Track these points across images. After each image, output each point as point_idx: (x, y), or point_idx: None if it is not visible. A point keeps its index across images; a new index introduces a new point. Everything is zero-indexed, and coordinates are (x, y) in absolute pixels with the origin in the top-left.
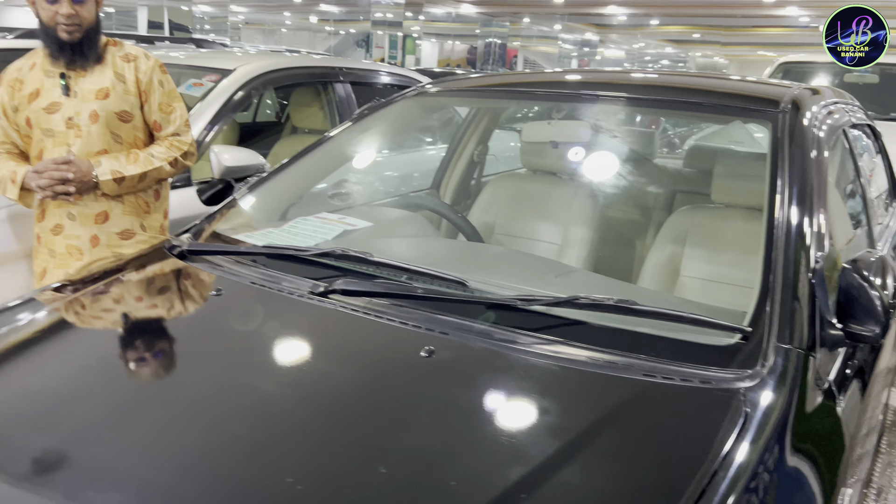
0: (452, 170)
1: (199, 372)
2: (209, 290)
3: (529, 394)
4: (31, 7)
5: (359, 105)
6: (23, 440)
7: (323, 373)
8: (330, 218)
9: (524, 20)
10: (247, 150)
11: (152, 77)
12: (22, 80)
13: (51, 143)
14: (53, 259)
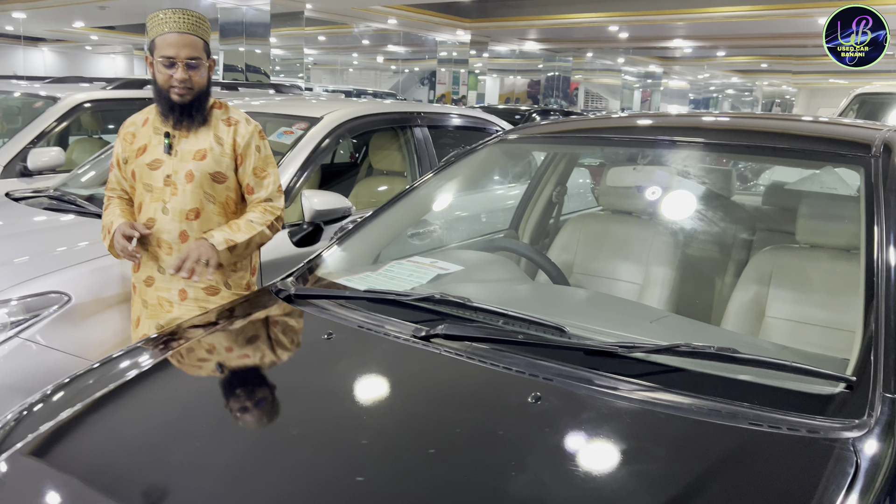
0: (531, 210)
1: (318, 413)
2: (321, 334)
3: (637, 441)
4: (149, 67)
5: (435, 146)
6: (152, 476)
7: (433, 417)
8: (422, 262)
9: (587, 55)
10: (334, 194)
11: (250, 142)
12: (135, 133)
13: (148, 198)
14: (146, 309)
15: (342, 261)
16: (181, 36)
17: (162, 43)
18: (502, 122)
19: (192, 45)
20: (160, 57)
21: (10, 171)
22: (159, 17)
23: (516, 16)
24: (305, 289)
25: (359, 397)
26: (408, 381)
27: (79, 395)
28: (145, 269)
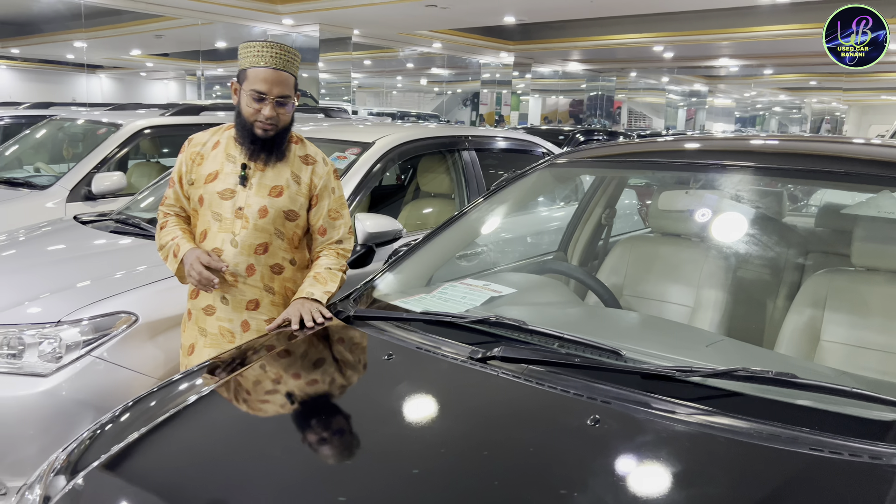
0: (580, 232)
1: (381, 433)
2: (381, 355)
3: (697, 465)
4: (234, 94)
5: (482, 168)
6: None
7: (493, 437)
8: (475, 284)
9: (631, 74)
10: (386, 217)
11: (327, 183)
12: (203, 155)
13: (216, 228)
14: (204, 338)
15: (397, 283)
16: (275, 73)
17: (254, 76)
18: (547, 144)
19: (284, 83)
20: (250, 90)
21: (75, 194)
22: (255, 48)
23: (560, 38)
24: (363, 310)
25: (420, 417)
26: (467, 402)
27: (148, 415)
28: (206, 297)
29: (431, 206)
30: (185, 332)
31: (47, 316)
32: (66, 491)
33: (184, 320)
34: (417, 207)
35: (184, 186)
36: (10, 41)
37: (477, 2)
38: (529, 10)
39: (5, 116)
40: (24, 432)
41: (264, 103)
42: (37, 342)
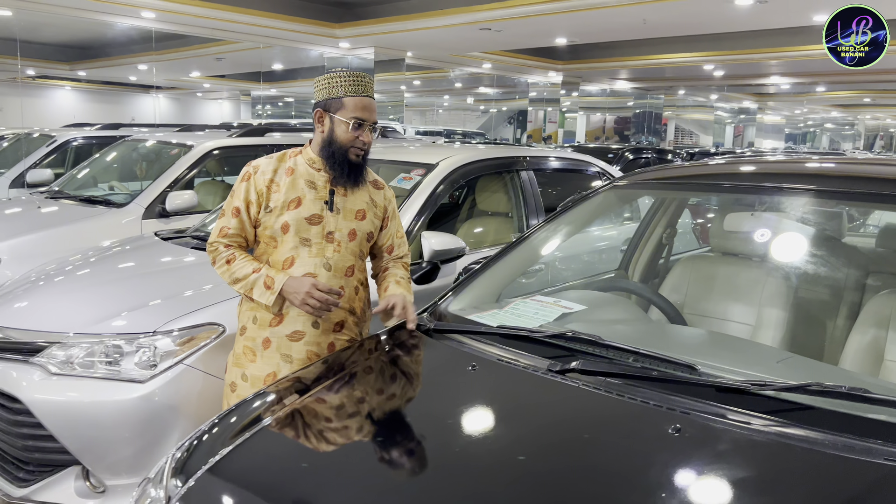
0: (641, 251)
1: (471, 440)
2: (465, 365)
3: (779, 472)
4: (317, 124)
5: (539, 186)
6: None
7: (581, 443)
8: (546, 301)
9: (679, 92)
10: (450, 235)
11: (394, 206)
12: (278, 183)
13: (306, 253)
14: (290, 364)
15: (469, 298)
16: (372, 101)
17: (355, 104)
18: (601, 163)
19: (376, 110)
20: (352, 117)
21: (150, 212)
22: (351, 77)
23: (609, 57)
24: (444, 324)
25: (508, 425)
26: (552, 411)
27: (246, 423)
28: (291, 323)
29: (489, 225)
30: (257, 362)
31: (143, 326)
32: (183, 492)
33: (242, 353)
34: (474, 226)
35: (251, 215)
36: (78, 64)
37: (530, 25)
38: (581, 32)
39: (78, 137)
40: (121, 435)
41: (362, 130)
42: (133, 350)
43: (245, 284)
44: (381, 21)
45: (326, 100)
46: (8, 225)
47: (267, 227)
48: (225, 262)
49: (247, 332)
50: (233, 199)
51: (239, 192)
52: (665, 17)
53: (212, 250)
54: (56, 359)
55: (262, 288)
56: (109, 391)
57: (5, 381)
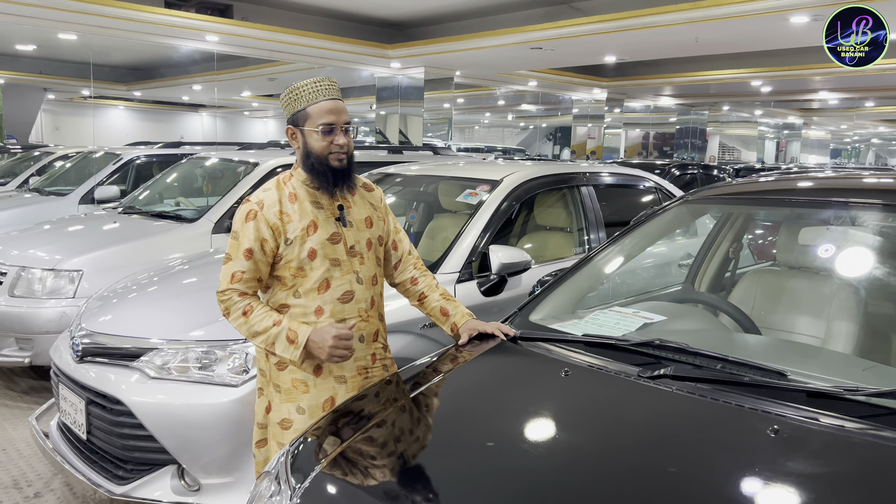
0: (707, 264)
1: (575, 441)
2: (558, 371)
3: (878, 472)
4: (293, 141)
5: (601, 203)
6: None
7: (684, 442)
8: (625, 311)
9: (724, 107)
10: (517, 249)
11: (385, 203)
12: (288, 213)
13: (338, 273)
14: (345, 384)
15: (548, 309)
16: (336, 102)
17: (318, 111)
18: (657, 178)
19: (345, 111)
20: (319, 125)
21: (219, 227)
22: (308, 87)
23: (654, 74)
24: (530, 332)
25: (609, 427)
26: (650, 413)
27: (346, 427)
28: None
29: (548, 239)
30: (311, 391)
31: (234, 333)
32: (305, 487)
33: (292, 387)
34: (533, 240)
35: (267, 253)
36: (135, 85)
37: (581, 44)
38: (631, 51)
39: (141, 156)
40: (215, 436)
41: (335, 133)
42: (227, 356)
43: (266, 339)
44: (433, 42)
45: (293, 115)
46: (87, 239)
47: (292, 260)
48: (241, 313)
49: (291, 365)
50: (240, 240)
51: (247, 232)
52: (718, 35)
53: (224, 299)
54: (153, 363)
55: (284, 342)
56: (205, 394)
57: (106, 384)
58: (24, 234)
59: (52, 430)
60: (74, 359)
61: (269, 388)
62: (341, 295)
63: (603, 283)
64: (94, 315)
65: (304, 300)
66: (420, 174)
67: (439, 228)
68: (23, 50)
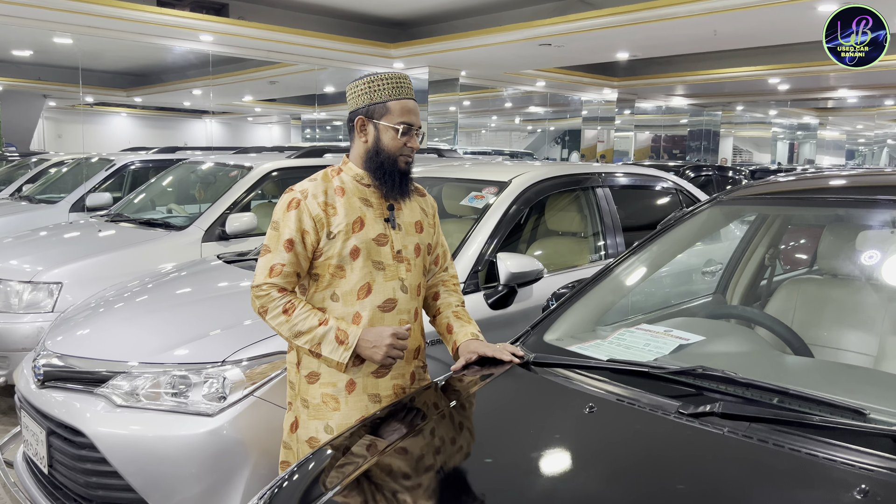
0: (740, 273)
1: (612, 495)
2: (581, 407)
3: None
4: (361, 134)
5: (617, 206)
6: None
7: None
8: (655, 330)
9: (737, 108)
10: (527, 257)
11: (436, 212)
12: (333, 205)
13: (381, 277)
14: (378, 404)
15: (565, 326)
16: (415, 104)
17: (401, 108)
18: (676, 179)
19: (420, 114)
20: (398, 123)
21: (210, 234)
22: (390, 80)
23: (666, 72)
24: (545, 356)
25: (647, 481)
26: (697, 462)
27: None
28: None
29: (560, 246)
30: (342, 409)
31: (211, 355)
32: None
33: (322, 403)
34: (545, 247)
35: (308, 246)
36: (135, 90)
37: (592, 39)
38: (645, 46)
39: (135, 161)
40: (188, 471)
41: (410, 135)
42: (201, 381)
43: (311, 339)
44: (437, 40)
45: (368, 105)
46: (69, 249)
47: (332, 256)
48: (282, 311)
49: (322, 378)
50: (280, 231)
51: (289, 221)
52: (738, 27)
53: (261, 295)
54: (121, 389)
55: (333, 343)
56: (176, 425)
57: (69, 412)
58: (2, 245)
59: (18, 461)
60: (36, 383)
61: (297, 402)
62: (383, 302)
63: (626, 295)
64: (59, 334)
65: (342, 305)
66: (422, 176)
67: (443, 235)
68: (20, 56)
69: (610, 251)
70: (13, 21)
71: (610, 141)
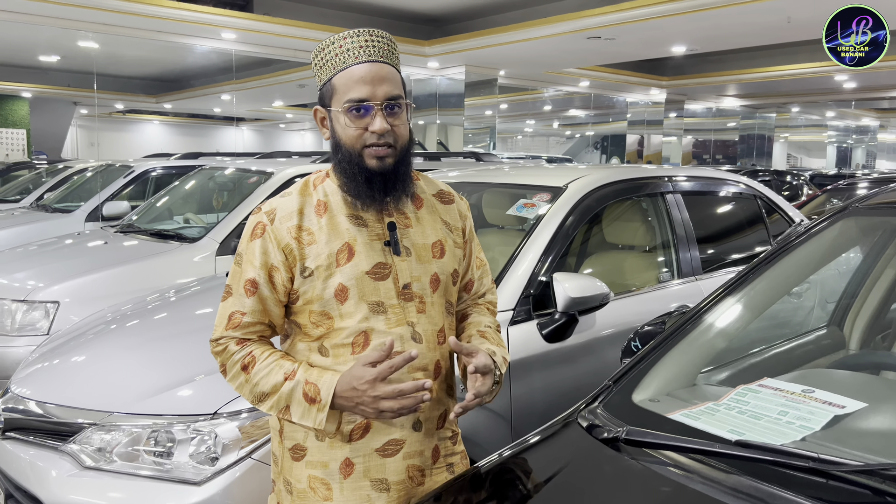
0: (862, 301)
1: None
2: None
3: None
4: (324, 131)
5: (690, 216)
6: None
7: None
8: (789, 391)
9: (793, 109)
10: (589, 278)
11: (470, 223)
12: (310, 230)
13: (383, 324)
14: (385, 493)
15: (659, 380)
16: (374, 66)
17: (345, 81)
18: (755, 184)
19: (392, 80)
20: (346, 101)
21: (225, 247)
22: (341, 42)
23: (717, 71)
24: (641, 431)
25: None
26: None
27: None
28: (383, 430)
29: (625, 262)
30: (335, 498)
31: (200, 405)
32: None
33: (308, 488)
34: (608, 264)
35: (279, 286)
36: (164, 97)
37: (646, 30)
38: (705, 38)
39: (157, 167)
40: None
41: (370, 115)
42: (188, 438)
43: (277, 402)
44: (474, 35)
45: (320, 90)
46: (70, 264)
47: (311, 301)
48: (240, 369)
49: (309, 455)
50: (242, 267)
51: (251, 255)
52: (816, 13)
53: (218, 350)
54: (90, 446)
55: (302, 403)
56: (155, 494)
57: (26, 473)
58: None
59: None
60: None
61: (280, 482)
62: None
63: (738, 335)
64: (26, 372)
65: (333, 360)
66: (460, 181)
67: (484, 248)
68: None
69: (684, 268)
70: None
71: (654, 146)
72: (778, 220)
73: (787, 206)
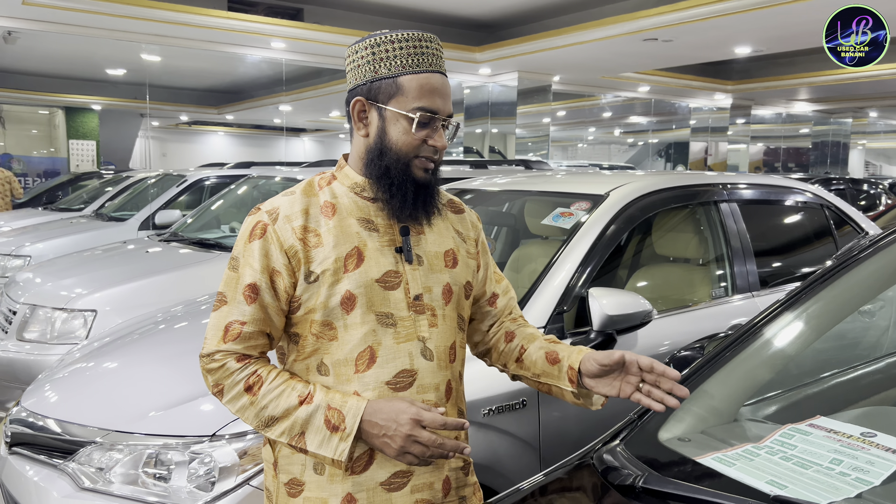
0: None
1: None
2: None
3: None
4: (359, 123)
5: (747, 226)
6: None
7: None
8: (844, 433)
9: (871, 114)
10: (629, 294)
11: (482, 235)
12: (317, 231)
13: (392, 338)
14: None
15: (693, 414)
16: (444, 79)
17: (419, 87)
18: (823, 192)
19: (450, 96)
20: (415, 109)
21: None
22: (411, 42)
23: (787, 74)
24: (666, 479)
25: None
26: None
27: None
28: (389, 463)
29: (672, 277)
30: None
31: (198, 426)
32: None
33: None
34: (652, 278)
35: (280, 292)
36: (225, 108)
37: (707, 30)
38: (773, 37)
39: (211, 177)
40: None
41: (433, 128)
42: (186, 461)
43: (290, 428)
44: (526, 39)
45: (371, 81)
46: (108, 273)
47: (314, 309)
48: (243, 389)
49: (307, 491)
50: (240, 272)
51: (250, 257)
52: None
53: (212, 368)
54: (90, 465)
55: (323, 431)
56: None
57: (25, 492)
58: (44, 267)
59: None
60: (5, 447)
61: None
62: (394, 376)
63: (786, 362)
64: (37, 385)
65: (334, 380)
66: (501, 189)
67: (526, 260)
68: (114, 75)
69: (739, 283)
70: (88, 32)
71: (721, 154)
72: (850, 232)
73: (860, 217)
